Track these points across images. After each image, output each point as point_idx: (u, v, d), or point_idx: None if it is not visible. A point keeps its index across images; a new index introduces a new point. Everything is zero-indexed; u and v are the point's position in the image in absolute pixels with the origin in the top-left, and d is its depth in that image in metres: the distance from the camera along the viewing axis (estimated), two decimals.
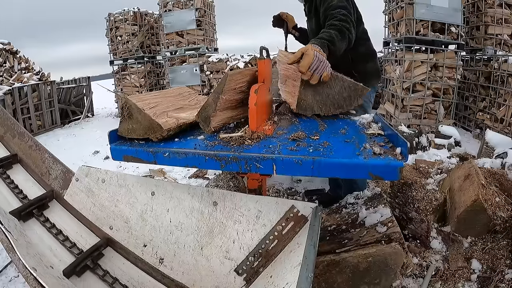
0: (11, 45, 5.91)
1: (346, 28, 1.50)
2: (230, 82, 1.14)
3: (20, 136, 1.82)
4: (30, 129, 5.43)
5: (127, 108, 1.14)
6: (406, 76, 4.04)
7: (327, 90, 1.35)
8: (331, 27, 1.51)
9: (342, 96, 1.36)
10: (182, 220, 1.27)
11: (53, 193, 1.58)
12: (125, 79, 6.49)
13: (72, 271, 1.22)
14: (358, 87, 1.36)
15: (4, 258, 1.83)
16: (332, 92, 1.35)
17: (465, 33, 4.46)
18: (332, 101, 1.37)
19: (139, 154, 1.12)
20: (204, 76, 5.58)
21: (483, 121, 4.21)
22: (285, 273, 0.93)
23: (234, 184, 2.13)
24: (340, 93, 1.35)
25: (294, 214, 1.12)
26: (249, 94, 1.15)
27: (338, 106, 1.38)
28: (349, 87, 1.35)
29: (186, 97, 1.51)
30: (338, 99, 1.36)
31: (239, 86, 1.22)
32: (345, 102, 1.37)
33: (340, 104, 1.38)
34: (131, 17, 6.19)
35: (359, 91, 1.36)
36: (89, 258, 1.28)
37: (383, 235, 1.33)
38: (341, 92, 1.35)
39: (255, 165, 1.00)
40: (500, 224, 1.56)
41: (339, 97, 1.36)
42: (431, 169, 2.43)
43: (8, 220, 1.20)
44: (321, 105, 1.37)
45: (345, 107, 1.38)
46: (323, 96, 1.36)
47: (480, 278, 1.48)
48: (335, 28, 1.49)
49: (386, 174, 0.92)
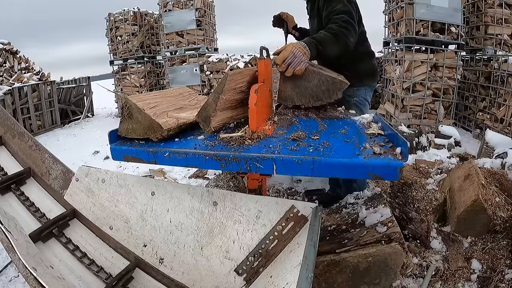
0: (11, 45, 5.90)
1: (343, 33, 1.56)
2: (230, 82, 1.14)
3: (20, 136, 1.82)
4: (30, 129, 5.43)
5: (127, 108, 1.14)
6: (406, 76, 4.04)
7: (305, 83, 1.46)
8: (328, 30, 1.57)
9: (320, 89, 1.45)
10: (182, 220, 1.27)
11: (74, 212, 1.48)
12: (125, 79, 6.49)
13: None
14: (336, 81, 1.44)
15: (4, 258, 1.83)
16: (310, 85, 1.45)
17: (465, 33, 4.46)
18: (310, 94, 1.46)
19: (139, 154, 1.12)
20: (204, 76, 5.58)
21: (483, 121, 4.21)
22: (285, 273, 0.93)
23: (234, 184, 2.13)
24: (318, 86, 1.45)
25: (294, 214, 1.12)
26: (249, 94, 1.15)
27: (317, 98, 1.47)
28: (327, 81, 1.45)
29: (186, 97, 1.51)
30: (316, 92, 1.46)
31: (239, 86, 1.22)
32: (324, 95, 1.46)
33: (319, 97, 1.47)
34: (131, 17, 6.19)
35: (338, 85, 1.45)
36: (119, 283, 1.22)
37: (383, 235, 1.33)
38: (319, 85, 1.45)
39: (255, 165, 1.00)
40: (500, 224, 1.56)
41: (317, 90, 1.46)
42: (431, 169, 2.43)
43: (8, 220, 1.20)
44: (300, 97, 1.47)
45: (324, 99, 1.47)
46: (301, 88, 1.46)
47: (480, 278, 1.48)
48: (331, 31, 1.55)
49: (386, 174, 0.92)
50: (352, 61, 1.86)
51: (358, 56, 1.88)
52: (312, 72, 1.45)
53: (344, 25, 1.58)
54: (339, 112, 1.59)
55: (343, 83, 1.45)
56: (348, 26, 1.58)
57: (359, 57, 1.89)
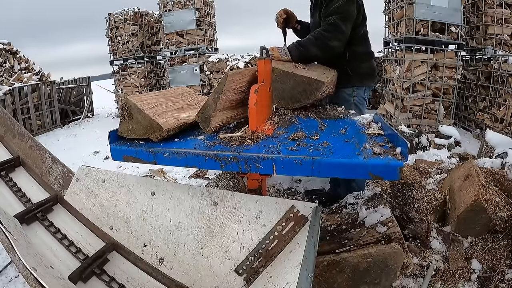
0: (11, 45, 5.90)
1: (324, 37, 1.66)
2: (230, 82, 1.14)
3: (20, 136, 1.82)
4: (30, 129, 5.43)
5: (127, 108, 1.14)
6: (406, 76, 4.04)
7: (281, 85, 1.48)
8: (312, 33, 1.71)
9: (297, 91, 1.46)
10: (182, 220, 1.27)
11: (57, 197, 1.56)
12: (125, 79, 6.48)
13: (78, 276, 1.21)
14: (311, 81, 1.45)
15: (4, 258, 1.83)
16: (286, 87, 1.47)
17: (465, 33, 4.46)
18: (288, 95, 1.48)
19: (139, 154, 1.12)
20: (204, 76, 5.58)
21: (483, 121, 4.20)
22: (285, 273, 0.93)
23: (234, 184, 2.13)
24: (294, 87, 1.46)
25: (294, 214, 1.12)
26: (249, 94, 1.15)
27: (295, 100, 1.49)
28: (302, 82, 1.46)
29: (186, 97, 1.51)
30: (293, 93, 1.47)
31: (239, 86, 1.22)
32: (301, 96, 1.47)
33: (297, 98, 1.48)
34: (131, 17, 6.19)
35: (314, 85, 1.45)
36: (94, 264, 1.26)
37: (383, 235, 1.33)
38: (294, 86, 1.46)
39: (255, 165, 1.00)
40: (500, 224, 1.56)
41: (294, 91, 1.47)
42: (431, 169, 2.43)
43: (8, 220, 1.20)
44: (279, 99, 1.49)
45: (302, 100, 1.48)
46: (278, 91, 1.48)
47: (480, 278, 1.48)
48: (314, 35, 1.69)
49: (386, 174, 0.92)
50: (354, 60, 1.86)
51: (359, 55, 1.89)
52: (286, 74, 1.47)
53: (329, 28, 1.66)
54: (339, 112, 1.59)
55: (319, 83, 1.45)
56: (333, 29, 1.65)
57: (360, 57, 1.90)
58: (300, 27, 2.11)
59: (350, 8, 1.69)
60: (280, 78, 1.47)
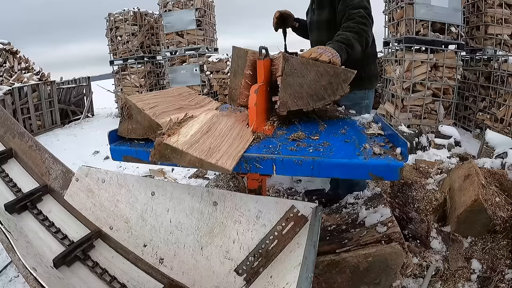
0: (11, 45, 5.91)
1: (363, 30, 1.48)
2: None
3: (20, 136, 1.82)
4: (30, 129, 5.43)
5: (127, 108, 1.14)
6: (406, 76, 4.03)
7: (298, 80, 1.13)
8: (348, 29, 1.46)
9: (320, 85, 1.13)
10: (182, 220, 1.27)
11: (47, 187, 1.61)
12: (125, 79, 6.49)
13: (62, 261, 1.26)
14: (338, 71, 1.13)
15: (4, 258, 1.83)
16: (306, 80, 1.13)
17: (465, 33, 4.45)
18: (308, 92, 1.14)
19: (139, 154, 1.12)
20: (204, 76, 5.58)
21: (483, 121, 4.20)
22: (285, 273, 0.93)
23: (234, 184, 2.13)
24: (316, 81, 1.13)
25: (294, 214, 1.12)
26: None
27: (317, 97, 1.15)
28: (327, 72, 1.11)
29: (186, 97, 1.51)
30: (316, 89, 1.14)
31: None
32: (325, 92, 1.13)
33: (320, 95, 1.14)
34: (131, 17, 6.19)
35: (342, 76, 1.12)
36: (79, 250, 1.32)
37: (383, 235, 1.33)
38: (317, 79, 1.12)
39: (255, 165, 1.00)
40: (500, 224, 1.56)
41: (316, 86, 1.13)
42: (431, 169, 2.43)
43: (8, 220, 1.20)
44: (296, 99, 1.16)
45: (326, 97, 1.14)
46: (295, 87, 1.14)
47: (480, 278, 1.48)
48: (352, 30, 1.45)
49: (386, 174, 0.92)
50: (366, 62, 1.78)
51: (370, 57, 1.83)
52: (306, 64, 1.12)
53: (362, 21, 1.49)
54: (339, 112, 1.59)
55: (348, 73, 1.13)
56: (366, 22, 1.51)
57: (371, 59, 1.84)
58: (298, 25, 2.10)
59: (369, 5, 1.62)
60: (297, 70, 1.13)
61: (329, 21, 1.74)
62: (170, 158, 0.93)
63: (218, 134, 1.08)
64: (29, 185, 1.64)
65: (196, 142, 0.98)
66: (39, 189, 1.58)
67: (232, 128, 1.16)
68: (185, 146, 0.93)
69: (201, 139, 1.01)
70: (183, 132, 1.02)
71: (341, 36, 1.43)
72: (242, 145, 1.05)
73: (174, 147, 0.92)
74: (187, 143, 0.95)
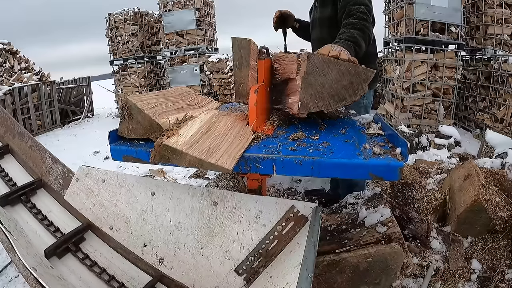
0: (11, 45, 5.91)
1: (365, 26, 1.46)
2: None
3: (20, 136, 1.83)
4: (30, 129, 5.43)
5: (127, 108, 1.14)
6: (406, 76, 4.04)
7: (320, 78, 1.08)
8: (350, 26, 1.44)
9: (341, 84, 1.09)
10: (182, 220, 1.27)
11: (41, 181, 1.64)
12: (125, 79, 6.49)
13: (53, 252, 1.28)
14: (359, 70, 1.09)
15: (4, 258, 1.83)
16: (327, 80, 1.09)
17: (465, 33, 4.46)
18: (329, 92, 1.10)
19: (139, 154, 1.12)
20: (204, 76, 5.58)
21: (483, 121, 4.21)
22: (285, 273, 0.93)
23: (234, 184, 2.13)
24: (337, 80, 1.08)
25: (294, 214, 1.12)
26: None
27: (339, 98, 1.10)
28: (348, 72, 1.08)
29: (186, 97, 1.51)
30: (337, 89, 1.10)
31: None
32: (347, 92, 1.09)
33: (342, 95, 1.10)
34: (131, 17, 6.19)
35: (362, 75, 1.09)
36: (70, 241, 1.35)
37: (383, 235, 1.33)
38: (338, 79, 1.08)
39: (255, 165, 1.00)
40: (500, 224, 1.56)
41: (337, 85, 1.09)
42: (431, 169, 2.42)
43: (8, 220, 1.20)
44: (317, 100, 1.11)
45: (348, 97, 1.10)
46: (316, 87, 1.10)
47: (480, 278, 1.48)
48: (356, 27, 1.43)
49: (386, 174, 0.92)
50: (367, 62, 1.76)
51: (371, 57, 1.81)
52: (328, 63, 1.07)
53: (364, 17, 1.48)
54: (339, 112, 1.59)
55: (368, 72, 1.09)
56: (367, 18, 1.49)
57: (371, 58, 1.82)
58: (299, 25, 2.09)
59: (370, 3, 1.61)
60: (319, 68, 1.08)
61: (331, 18, 1.75)
62: (170, 159, 0.93)
63: (218, 134, 1.08)
64: (24, 179, 1.68)
65: (195, 142, 0.98)
66: (33, 183, 1.61)
67: (232, 127, 1.16)
68: (184, 147, 0.93)
69: (200, 139, 1.01)
70: (182, 133, 1.02)
71: (346, 34, 1.40)
72: (242, 144, 1.05)
73: (174, 148, 0.92)
74: (186, 143, 0.96)
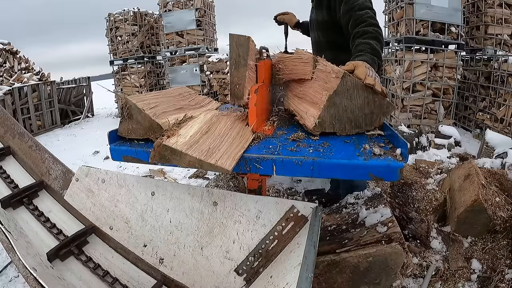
0: (11, 45, 5.91)
1: (380, 34, 1.42)
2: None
3: (20, 136, 1.83)
4: (30, 129, 5.43)
5: (127, 109, 1.14)
6: (406, 76, 4.04)
7: (345, 101, 1.08)
8: (367, 36, 1.39)
9: (363, 112, 1.10)
10: (182, 220, 1.27)
11: (43, 183, 1.63)
12: (125, 79, 6.48)
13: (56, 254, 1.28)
14: (383, 103, 1.09)
15: (4, 258, 1.83)
16: (351, 105, 1.08)
17: (465, 33, 4.45)
18: (349, 117, 1.11)
19: (139, 155, 1.12)
20: (204, 76, 5.58)
21: (483, 121, 4.20)
22: (285, 273, 0.93)
23: (234, 184, 2.13)
24: (361, 107, 1.09)
25: (294, 214, 1.12)
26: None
27: (355, 124, 1.12)
28: (374, 102, 1.08)
29: (186, 97, 1.51)
30: (357, 115, 1.10)
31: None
32: (364, 121, 1.11)
33: (358, 123, 1.11)
34: (131, 17, 6.19)
35: (384, 108, 1.10)
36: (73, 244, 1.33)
37: (383, 235, 1.33)
38: (362, 106, 1.09)
39: (255, 166, 1.00)
40: (500, 224, 1.56)
41: (359, 112, 1.10)
42: (431, 169, 2.43)
43: (8, 220, 1.20)
44: (335, 121, 1.11)
45: (364, 126, 1.12)
46: (339, 109, 1.09)
47: (480, 278, 1.48)
48: (372, 36, 1.39)
49: (386, 175, 0.92)
50: None
51: None
52: (359, 88, 1.06)
53: (374, 22, 1.44)
54: None
55: (390, 106, 1.10)
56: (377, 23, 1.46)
57: None
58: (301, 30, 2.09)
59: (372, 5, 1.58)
60: (349, 91, 1.06)
61: (325, 22, 1.74)
62: (169, 159, 0.93)
63: (218, 134, 1.08)
64: (26, 181, 1.67)
65: (195, 142, 0.98)
66: (35, 185, 1.60)
67: (232, 128, 1.16)
68: (184, 147, 0.93)
69: (200, 139, 1.01)
70: (182, 133, 1.02)
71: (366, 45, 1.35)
72: (242, 144, 1.05)
73: (173, 148, 0.92)
74: (186, 144, 0.95)
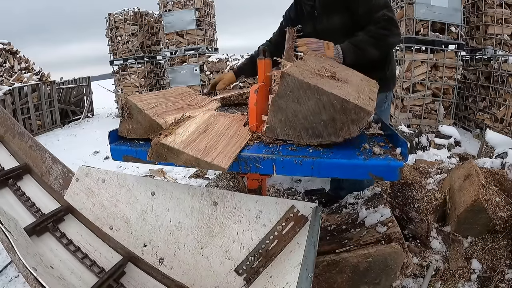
0: (11, 45, 5.91)
1: (384, 34, 1.42)
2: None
3: (20, 136, 1.82)
4: (30, 129, 5.43)
5: (127, 108, 1.14)
6: (406, 76, 4.04)
7: (293, 105, 0.92)
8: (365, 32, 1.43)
9: (319, 119, 0.92)
10: (182, 220, 1.27)
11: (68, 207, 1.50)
12: (125, 79, 6.49)
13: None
14: (348, 107, 0.87)
15: (4, 258, 1.83)
16: (302, 109, 0.92)
17: (465, 33, 4.46)
18: (303, 124, 0.95)
19: (139, 154, 1.12)
20: (204, 76, 5.58)
21: (483, 121, 4.21)
22: (285, 273, 0.93)
23: (234, 184, 2.13)
24: (315, 112, 0.91)
25: (294, 214, 1.12)
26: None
27: (314, 133, 0.95)
28: (332, 105, 0.88)
29: (186, 97, 1.51)
30: (313, 122, 0.93)
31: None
32: (326, 129, 0.92)
33: (318, 131, 0.94)
34: (131, 17, 6.19)
35: (352, 114, 0.88)
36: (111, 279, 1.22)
37: (383, 235, 1.33)
38: (317, 111, 0.91)
39: (255, 165, 1.00)
40: (500, 224, 1.56)
41: (314, 119, 0.93)
42: (431, 169, 2.43)
43: (8, 220, 1.20)
44: (287, 128, 0.97)
45: (326, 136, 0.94)
46: (287, 114, 0.94)
47: (480, 278, 1.48)
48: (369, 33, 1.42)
49: (386, 174, 0.92)
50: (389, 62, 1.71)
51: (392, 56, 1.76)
52: (305, 88, 0.90)
53: (386, 25, 1.43)
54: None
55: (362, 112, 0.87)
56: (391, 24, 1.44)
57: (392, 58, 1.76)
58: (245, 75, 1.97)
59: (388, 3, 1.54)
60: (293, 92, 0.91)
61: (344, 27, 1.57)
62: (167, 158, 0.94)
63: (215, 133, 1.09)
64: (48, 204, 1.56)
65: (192, 141, 0.99)
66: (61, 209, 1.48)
67: (229, 127, 1.17)
68: (181, 146, 0.94)
69: (197, 138, 1.02)
70: (180, 132, 1.03)
71: (355, 37, 1.41)
72: (239, 144, 1.05)
73: (170, 146, 0.93)
74: (183, 142, 0.97)
